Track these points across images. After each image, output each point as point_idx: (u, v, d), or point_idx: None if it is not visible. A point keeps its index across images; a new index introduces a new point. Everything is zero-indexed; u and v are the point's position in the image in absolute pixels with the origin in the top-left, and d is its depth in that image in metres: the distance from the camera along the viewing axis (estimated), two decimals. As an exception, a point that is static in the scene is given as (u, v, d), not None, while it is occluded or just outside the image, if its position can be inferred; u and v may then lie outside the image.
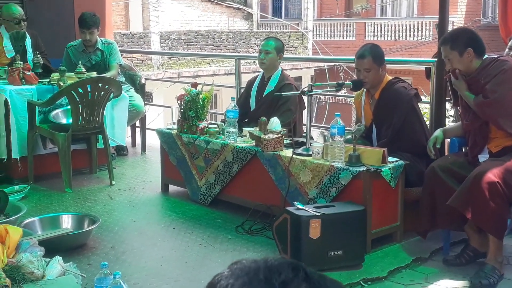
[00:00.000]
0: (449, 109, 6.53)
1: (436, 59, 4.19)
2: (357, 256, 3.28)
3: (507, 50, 4.17)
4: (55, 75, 5.09)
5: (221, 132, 4.32)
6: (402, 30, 17.51)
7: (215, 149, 4.22)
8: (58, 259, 2.92)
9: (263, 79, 4.73)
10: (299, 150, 3.77)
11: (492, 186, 3.04)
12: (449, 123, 8.44)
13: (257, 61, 4.80)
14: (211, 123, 4.51)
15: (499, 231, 3.13)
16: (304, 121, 4.50)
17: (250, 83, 4.85)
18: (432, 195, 3.38)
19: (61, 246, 3.40)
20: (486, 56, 3.43)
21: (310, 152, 3.72)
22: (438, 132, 3.65)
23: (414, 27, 17.26)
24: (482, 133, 3.38)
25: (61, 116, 5.05)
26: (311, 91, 3.81)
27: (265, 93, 4.63)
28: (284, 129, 4.14)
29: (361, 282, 3.13)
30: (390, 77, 3.99)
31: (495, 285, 3.05)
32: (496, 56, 3.54)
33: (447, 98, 4.29)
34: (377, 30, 18.10)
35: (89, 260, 3.38)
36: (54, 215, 3.86)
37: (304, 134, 4.04)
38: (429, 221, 3.42)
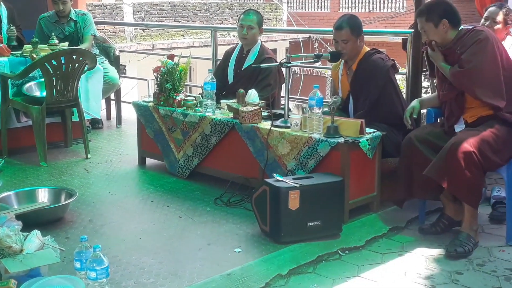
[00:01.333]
0: (423, 81, 6.58)
1: (412, 30, 4.21)
2: (335, 226, 3.32)
3: (482, 21, 4.20)
4: (27, 47, 4.99)
5: (198, 105, 4.30)
6: (376, 2, 17.54)
7: (193, 121, 4.19)
8: (36, 233, 2.88)
9: (241, 51, 4.68)
10: (278, 122, 3.78)
11: (467, 156, 3.09)
12: (424, 95, 8.53)
13: (232, 33, 4.76)
14: (188, 96, 4.48)
15: (474, 200, 3.19)
16: (282, 94, 4.49)
17: (228, 55, 4.79)
18: (409, 165, 3.43)
19: (38, 220, 3.36)
20: (462, 27, 3.45)
21: (289, 124, 3.72)
22: (414, 102, 3.68)
23: (387, -2, 17.29)
24: (458, 103, 3.42)
25: (35, 89, 4.96)
26: (289, 63, 3.80)
27: (244, 67, 4.59)
28: (262, 101, 4.13)
29: (339, 251, 3.17)
30: (368, 48, 4.00)
31: (470, 252, 3.12)
32: (471, 26, 3.56)
33: (423, 70, 4.33)
34: (352, 2, 18.09)
35: (67, 234, 3.36)
36: (30, 189, 3.81)
37: (282, 107, 4.03)
38: (405, 190, 3.47)
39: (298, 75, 16.88)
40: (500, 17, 4.13)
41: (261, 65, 4.22)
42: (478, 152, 3.12)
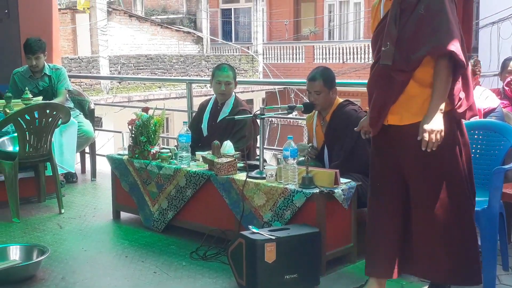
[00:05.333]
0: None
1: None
2: (312, 279, 3.28)
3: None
4: (0, 102, 4.96)
5: (173, 157, 4.28)
6: (350, 53, 17.92)
7: (168, 174, 4.17)
8: (5, 293, 2.81)
9: (216, 104, 4.70)
10: (253, 173, 3.77)
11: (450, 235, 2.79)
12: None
13: (208, 85, 4.79)
14: (163, 148, 4.46)
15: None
16: (258, 144, 4.50)
17: (202, 107, 4.80)
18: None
19: (9, 278, 3.28)
20: None
21: (264, 175, 3.72)
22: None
23: (361, 49, 17.70)
24: None
25: (8, 143, 4.91)
26: (264, 114, 3.82)
27: (219, 119, 4.61)
28: (237, 152, 4.13)
29: (317, 304, 3.13)
30: (341, 100, 4.05)
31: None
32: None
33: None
34: (326, 53, 18.45)
35: (38, 293, 3.27)
36: (1, 247, 3.72)
37: (258, 157, 4.04)
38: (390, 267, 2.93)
39: (275, 125, 17.01)
40: (469, 68, 4.22)
41: (235, 117, 4.24)
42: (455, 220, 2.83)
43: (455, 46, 2.65)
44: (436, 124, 2.67)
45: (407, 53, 2.72)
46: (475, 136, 3.69)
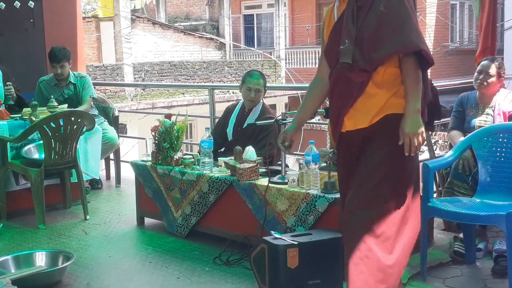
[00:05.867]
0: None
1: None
2: (335, 284, 3.26)
3: (476, 74, 4.24)
4: (26, 110, 5.04)
5: (196, 163, 4.30)
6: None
7: (191, 180, 4.19)
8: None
9: (243, 109, 4.70)
10: (275, 179, 3.77)
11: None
12: (423, 146, 8.56)
13: (231, 90, 4.80)
14: (186, 154, 4.49)
15: None
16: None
17: (229, 111, 4.80)
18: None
19: (35, 284, 3.33)
20: None
21: (286, 180, 3.72)
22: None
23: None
24: None
25: (34, 151, 4.99)
26: (285, 119, 3.82)
27: (245, 125, 4.61)
28: (259, 158, 4.14)
29: (341, 310, 3.11)
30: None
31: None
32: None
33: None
34: (348, 57, 18.32)
35: (64, 298, 3.31)
36: (27, 253, 3.78)
37: (280, 163, 4.04)
38: None
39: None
40: (493, 70, 4.17)
41: (257, 122, 4.25)
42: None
43: (424, 44, 2.55)
44: (416, 126, 2.56)
45: (368, 52, 2.58)
46: (500, 140, 3.65)
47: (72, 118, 4.75)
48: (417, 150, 2.59)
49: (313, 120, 5.34)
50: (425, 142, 2.61)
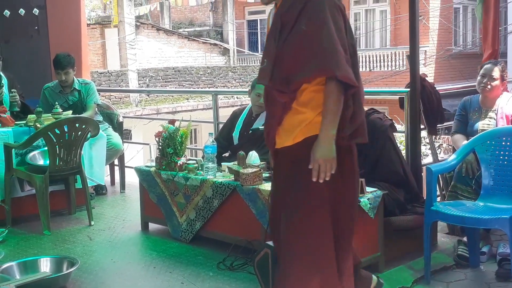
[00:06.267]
0: (425, 137, 6.62)
1: (409, 89, 4.27)
2: None
3: (479, 78, 4.25)
4: (31, 117, 5.06)
5: (200, 168, 4.32)
6: (376, 61, 17.82)
7: (195, 185, 4.21)
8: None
9: (250, 114, 4.68)
10: (278, 184, 3.77)
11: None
12: (426, 150, 8.55)
13: (236, 95, 4.81)
14: (190, 159, 4.50)
15: None
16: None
17: (235, 115, 4.78)
18: None
19: (40, 290, 3.34)
20: None
21: (289, 185, 3.72)
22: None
23: (387, 57, 17.58)
24: None
25: (38, 157, 5.01)
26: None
27: (251, 130, 4.61)
28: (262, 162, 4.15)
29: (344, 314, 3.10)
30: (366, 108, 4.03)
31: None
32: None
33: (422, 126, 4.36)
34: (353, 61, 18.33)
35: (68, 304, 3.32)
36: (32, 259, 3.79)
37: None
38: None
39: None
40: (497, 73, 4.18)
41: (260, 127, 4.26)
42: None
43: (341, 68, 2.38)
44: (327, 153, 2.43)
45: (286, 74, 2.48)
46: (503, 143, 3.65)
47: (77, 125, 4.77)
48: (326, 177, 2.46)
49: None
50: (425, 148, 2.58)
